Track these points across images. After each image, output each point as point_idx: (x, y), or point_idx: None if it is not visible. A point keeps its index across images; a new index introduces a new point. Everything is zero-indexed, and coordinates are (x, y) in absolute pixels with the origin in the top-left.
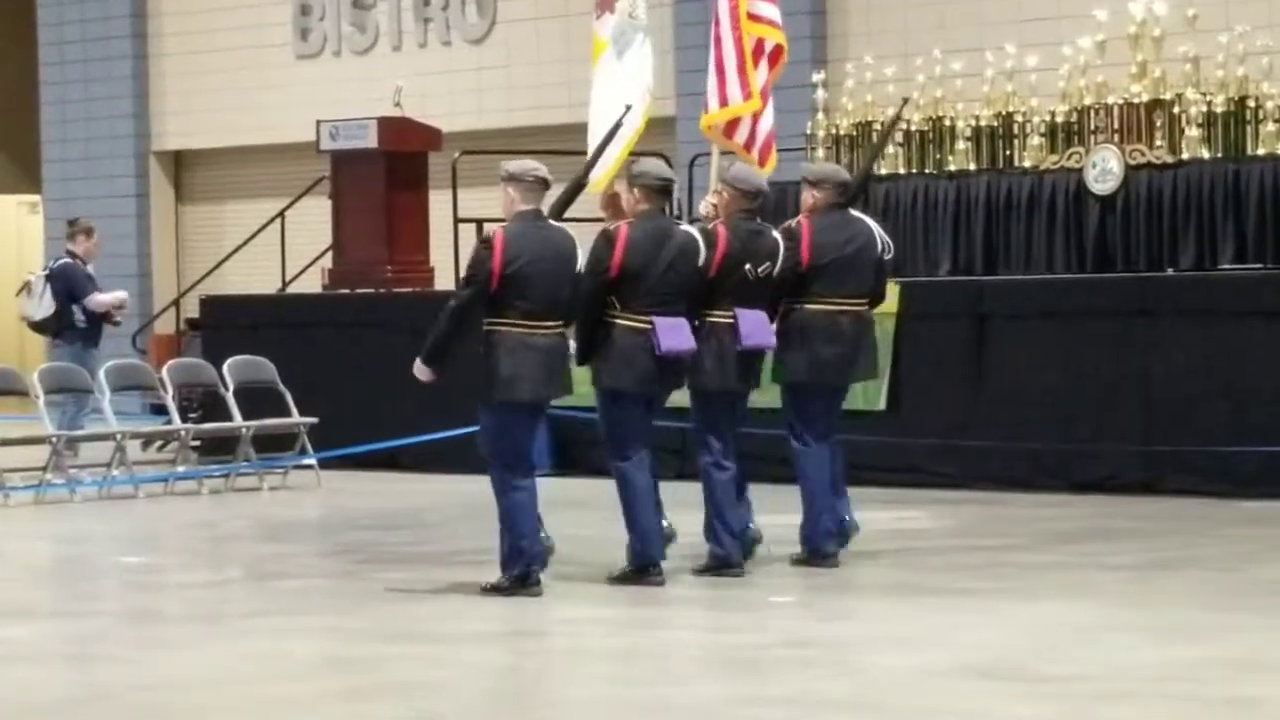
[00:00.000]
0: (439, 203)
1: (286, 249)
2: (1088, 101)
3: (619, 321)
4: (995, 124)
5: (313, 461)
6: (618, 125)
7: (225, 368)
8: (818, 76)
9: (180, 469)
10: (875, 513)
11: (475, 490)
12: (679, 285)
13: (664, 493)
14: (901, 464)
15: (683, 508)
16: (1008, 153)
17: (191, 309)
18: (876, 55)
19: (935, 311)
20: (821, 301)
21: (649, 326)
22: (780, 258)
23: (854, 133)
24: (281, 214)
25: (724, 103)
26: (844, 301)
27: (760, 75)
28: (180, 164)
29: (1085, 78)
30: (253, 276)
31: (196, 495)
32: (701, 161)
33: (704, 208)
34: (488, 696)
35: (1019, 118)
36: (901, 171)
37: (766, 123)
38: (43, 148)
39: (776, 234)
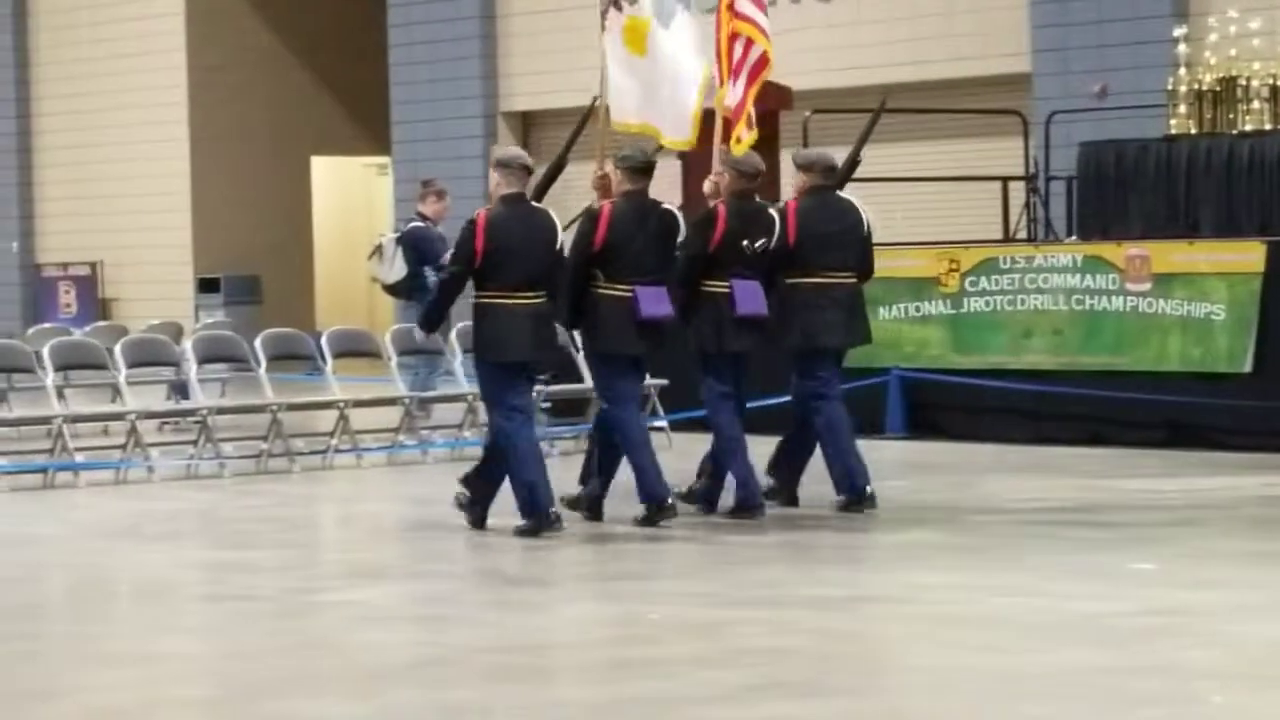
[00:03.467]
0: (790, 162)
1: None
2: None
3: (603, 291)
4: None
5: (664, 423)
6: (589, 110)
7: (575, 331)
8: (1179, 31)
9: None
10: (1240, 479)
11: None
12: (660, 258)
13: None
14: (1267, 428)
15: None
16: None
17: None
18: (1242, 9)
19: None
20: (812, 275)
21: (630, 295)
22: (775, 234)
23: (1217, 88)
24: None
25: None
26: (832, 275)
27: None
28: (529, 124)
29: None
30: None
31: (547, 456)
32: (1058, 119)
33: (707, 186)
34: (834, 663)
35: None
36: (1267, 128)
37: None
38: (391, 110)
39: (774, 212)
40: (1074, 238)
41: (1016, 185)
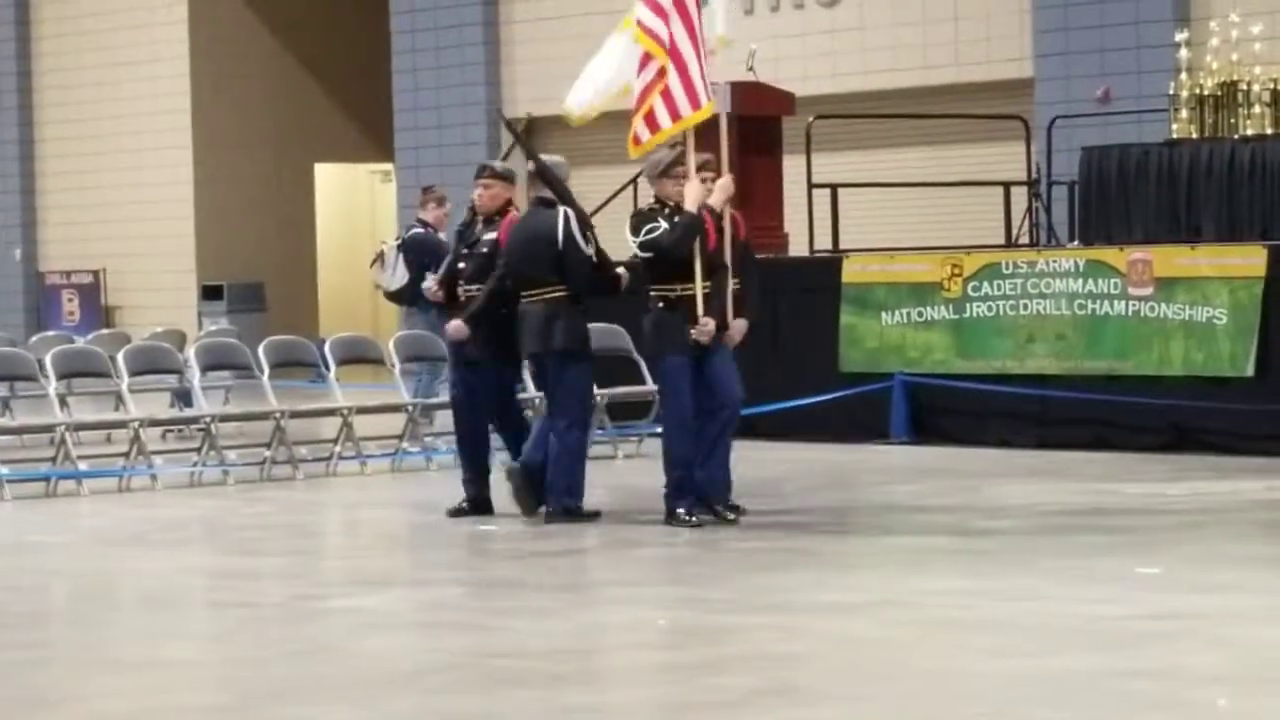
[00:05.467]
0: (792, 168)
1: None
2: None
3: None
4: None
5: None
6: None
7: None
8: (1181, 36)
9: None
10: (1244, 483)
11: (832, 458)
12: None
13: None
14: (1271, 432)
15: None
16: None
17: None
18: (1243, 13)
19: None
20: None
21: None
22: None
23: (1219, 93)
24: (634, 180)
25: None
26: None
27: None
28: (532, 131)
29: None
30: (607, 242)
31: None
32: (1060, 124)
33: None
34: (846, 668)
35: None
36: (1269, 132)
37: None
38: (395, 116)
39: None
40: (1076, 242)
41: (1019, 190)
